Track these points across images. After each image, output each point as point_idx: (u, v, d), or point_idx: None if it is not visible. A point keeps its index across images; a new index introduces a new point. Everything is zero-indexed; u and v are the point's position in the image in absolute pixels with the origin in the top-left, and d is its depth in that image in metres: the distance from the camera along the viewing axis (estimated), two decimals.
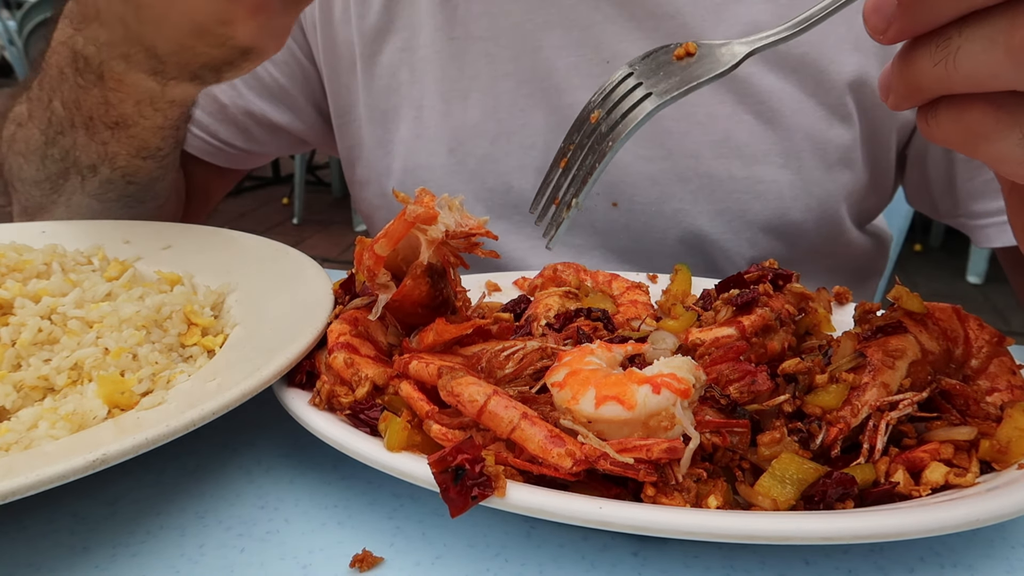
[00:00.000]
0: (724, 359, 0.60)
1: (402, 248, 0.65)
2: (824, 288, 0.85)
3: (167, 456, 0.63)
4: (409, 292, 0.64)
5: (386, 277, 0.64)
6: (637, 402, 0.52)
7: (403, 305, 0.65)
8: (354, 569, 0.52)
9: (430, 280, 0.64)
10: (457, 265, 0.67)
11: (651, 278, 0.92)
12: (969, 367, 0.67)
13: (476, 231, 0.65)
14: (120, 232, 0.91)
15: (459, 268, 0.70)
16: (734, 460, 0.57)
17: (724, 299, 0.71)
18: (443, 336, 0.64)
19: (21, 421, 0.58)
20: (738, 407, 0.57)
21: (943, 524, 0.49)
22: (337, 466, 0.63)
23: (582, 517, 0.49)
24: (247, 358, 0.64)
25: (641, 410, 0.52)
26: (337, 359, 0.63)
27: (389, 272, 0.65)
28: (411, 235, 0.63)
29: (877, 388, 0.60)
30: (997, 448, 0.57)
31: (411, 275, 0.63)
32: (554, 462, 0.52)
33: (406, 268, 0.64)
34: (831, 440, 0.57)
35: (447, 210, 0.64)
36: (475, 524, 0.57)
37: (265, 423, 0.69)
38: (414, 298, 0.65)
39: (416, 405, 0.59)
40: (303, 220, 5.49)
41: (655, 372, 0.54)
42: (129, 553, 0.54)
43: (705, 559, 0.54)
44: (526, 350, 0.61)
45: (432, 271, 0.64)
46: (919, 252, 4.94)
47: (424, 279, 0.64)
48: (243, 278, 0.80)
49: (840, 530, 0.48)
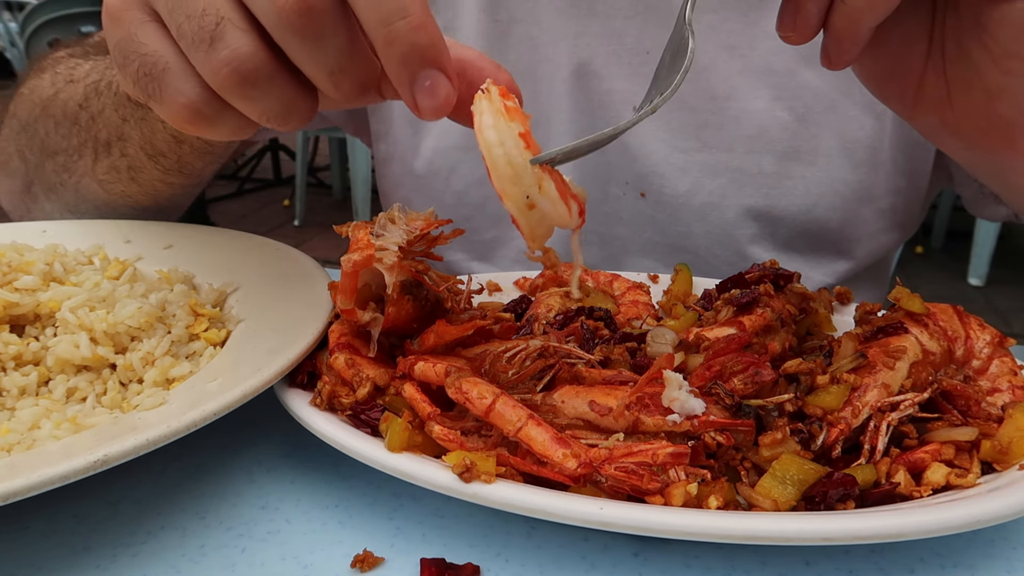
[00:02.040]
0: (726, 351, 0.60)
1: (370, 280, 0.64)
2: (825, 288, 0.85)
3: (168, 456, 0.63)
4: (396, 316, 0.64)
5: (370, 313, 0.64)
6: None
7: (397, 327, 0.65)
8: (355, 569, 0.52)
9: (410, 296, 0.64)
10: (426, 270, 0.66)
11: (652, 278, 0.92)
12: (970, 367, 0.67)
13: (427, 228, 0.64)
14: (121, 232, 0.91)
15: (440, 264, 0.68)
16: (735, 459, 0.57)
17: (725, 299, 0.71)
18: (444, 337, 0.64)
19: (23, 422, 0.58)
20: (743, 406, 0.57)
21: (944, 525, 0.49)
22: (338, 466, 0.63)
23: (582, 518, 0.49)
24: (248, 358, 0.64)
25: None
26: (338, 360, 0.63)
27: (372, 303, 0.65)
28: (370, 267, 0.62)
29: (878, 389, 0.60)
30: (998, 449, 0.57)
31: (390, 302, 0.63)
32: (559, 463, 0.52)
33: (384, 293, 0.64)
34: (832, 441, 0.57)
35: (391, 225, 0.63)
36: (475, 524, 0.57)
37: (266, 423, 0.69)
38: (403, 318, 0.65)
39: (418, 406, 0.59)
40: (304, 222, 5.48)
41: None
42: (130, 553, 0.54)
43: (706, 559, 0.54)
44: (528, 350, 0.61)
45: (407, 288, 0.64)
46: (920, 254, 4.93)
47: (404, 299, 0.63)
48: (244, 278, 0.80)
49: (841, 531, 0.48)
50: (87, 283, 0.72)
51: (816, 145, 1.03)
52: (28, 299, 0.68)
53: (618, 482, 0.52)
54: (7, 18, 4.74)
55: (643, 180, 1.07)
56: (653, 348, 0.65)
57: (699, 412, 0.54)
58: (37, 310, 0.69)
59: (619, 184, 1.09)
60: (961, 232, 4.68)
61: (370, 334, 0.65)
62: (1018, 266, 4.69)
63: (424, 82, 0.51)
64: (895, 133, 1.04)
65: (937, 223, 5.02)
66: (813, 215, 1.05)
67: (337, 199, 6.08)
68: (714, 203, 1.06)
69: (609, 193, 1.10)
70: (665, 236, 1.10)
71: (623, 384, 0.58)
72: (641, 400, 0.55)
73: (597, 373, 0.60)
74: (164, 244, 0.88)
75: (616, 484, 0.52)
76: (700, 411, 0.54)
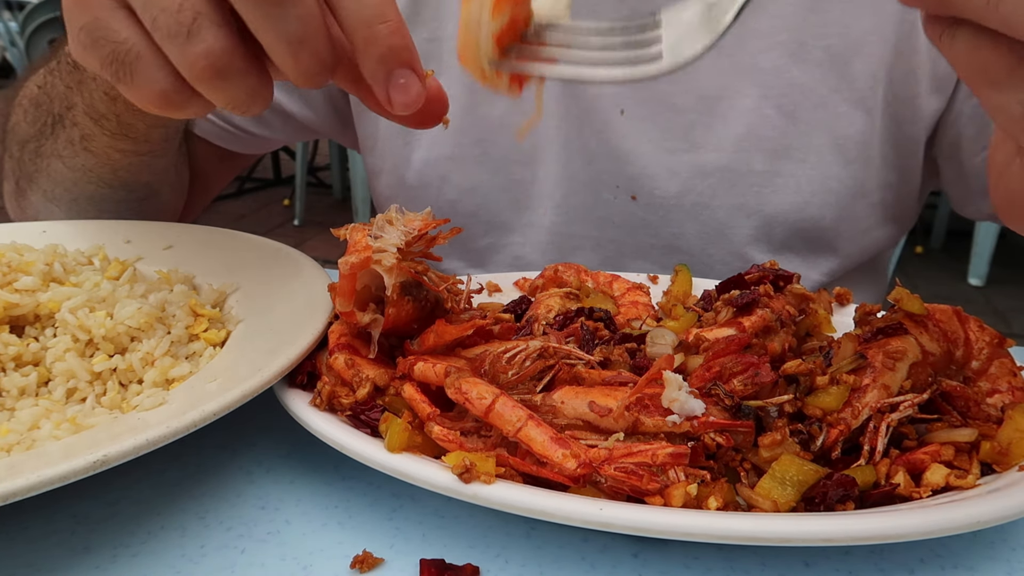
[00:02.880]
0: (726, 352, 0.60)
1: (370, 281, 0.65)
2: (825, 289, 0.85)
3: (168, 457, 0.63)
4: (396, 318, 0.64)
5: (370, 315, 0.64)
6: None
7: (398, 329, 0.65)
8: (354, 570, 0.52)
9: (410, 297, 0.64)
10: (426, 271, 0.66)
11: (652, 279, 0.92)
12: (970, 368, 0.67)
13: (425, 228, 0.65)
14: (121, 232, 0.91)
15: (435, 266, 0.69)
16: (735, 460, 0.57)
17: (725, 300, 0.71)
18: (444, 337, 0.64)
19: (23, 422, 0.58)
20: (743, 407, 0.57)
21: (944, 526, 0.49)
22: (338, 467, 0.63)
23: (582, 518, 0.49)
24: (248, 359, 0.64)
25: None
26: (338, 360, 0.63)
27: (371, 304, 0.65)
28: (369, 269, 0.62)
29: (878, 390, 0.60)
30: (998, 450, 0.57)
31: (390, 303, 0.63)
32: (558, 463, 0.52)
33: (384, 294, 0.64)
34: (832, 442, 0.57)
35: (389, 226, 0.64)
36: (475, 525, 0.57)
37: (266, 424, 0.69)
38: (404, 319, 0.65)
39: (418, 407, 0.59)
40: (304, 221, 5.48)
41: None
42: (130, 554, 0.54)
43: (706, 560, 0.54)
44: (528, 351, 0.61)
45: (406, 289, 0.64)
46: (920, 255, 4.93)
47: (403, 300, 0.63)
48: (244, 278, 0.80)
49: (840, 531, 0.48)
50: (87, 283, 0.72)
51: (807, 143, 1.03)
52: (28, 299, 0.68)
53: (618, 482, 0.52)
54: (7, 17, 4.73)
55: (633, 183, 1.07)
56: (653, 349, 0.65)
57: (699, 413, 0.54)
58: (37, 310, 0.69)
59: (610, 188, 1.09)
60: (961, 232, 4.68)
61: (370, 335, 0.65)
62: (1018, 266, 4.69)
63: (399, 80, 0.56)
64: (885, 128, 1.04)
65: (937, 223, 5.02)
66: (806, 213, 1.05)
67: (337, 199, 6.08)
68: (705, 203, 1.06)
69: (600, 197, 1.09)
70: (659, 238, 1.09)
71: (623, 385, 0.58)
72: (641, 401, 0.56)
73: (597, 374, 0.60)
74: (164, 244, 0.88)
75: (616, 485, 0.52)
76: (700, 412, 0.54)
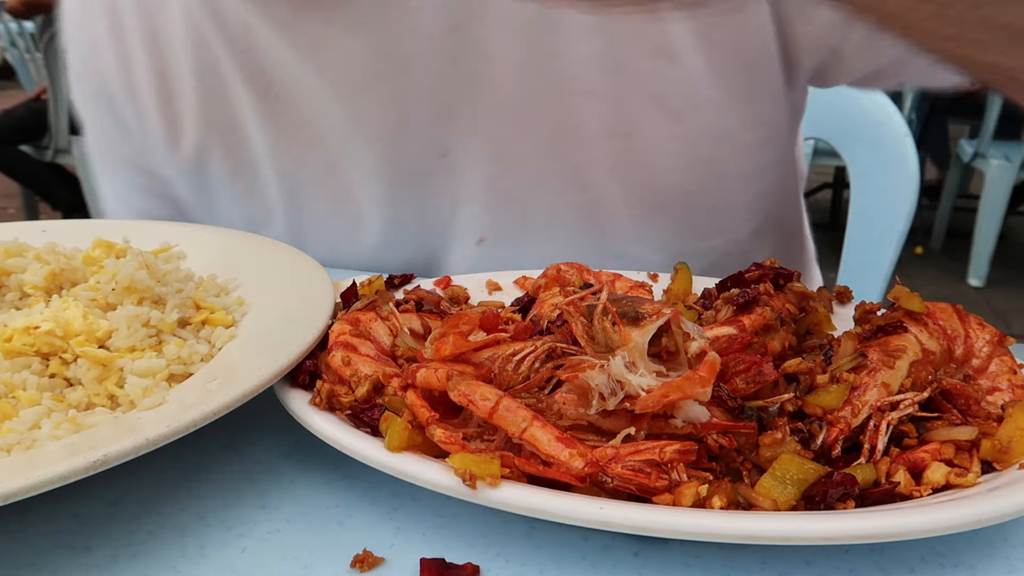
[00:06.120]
0: (728, 351, 0.60)
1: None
2: (824, 288, 0.85)
3: (168, 456, 0.63)
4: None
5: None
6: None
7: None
8: (355, 569, 0.52)
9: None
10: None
11: (652, 277, 0.92)
12: (970, 366, 0.67)
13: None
14: (120, 231, 0.91)
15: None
16: (735, 461, 0.57)
17: (725, 298, 0.71)
18: (460, 349, 0.63)
19: (23, 422, 0.58)
20: (745, 408, 0.57)
21: (944, 524, 0.49)
22: (338, 466, 0.63)
23: (582, 517, 0.49)
24: (248, 358, 0.64)
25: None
26: (335, 358, 0.63)
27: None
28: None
29: (878, 388, 0.60)
30: (998, 448, 0.57)
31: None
32: (566, 462, 0.52)
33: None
34: (832, 440, 0.57)
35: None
36: (476, 524, 0.57)
37: (266, 423, 0.68)
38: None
39: (418, 412, 0.58)
40: None
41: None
42: (130, 553, 0.54)
43: (706, 559, 0.54)
44: (537, 352, 0.60)
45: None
46: (920, 255, 4.93)
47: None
48: (244, 278, 0.80)
49: (841, 530, 0.48)
50: (87, 283, 0.72)
51: (629, 106, 0.96)
52: (46, 321, 0.68)
53: (625, 481, 0.51)
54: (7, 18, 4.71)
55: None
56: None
57: (703, 420, 0.54)
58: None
59: (557, 192, 1.04)
60: (961, 232, 4.68)
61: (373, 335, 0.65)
62: (1018, 266, 4.69)
63: None
64: (715, 66, 0.94)
65: (937, 223, 5.02)
66: (672, 179, 1.00)
67: None
68: (599, 182, 1.00)
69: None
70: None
71: None
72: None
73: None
74: (164, 244, 0.88)
75: (623, 483, 0.52)
76: (704, 419, 0.54)
